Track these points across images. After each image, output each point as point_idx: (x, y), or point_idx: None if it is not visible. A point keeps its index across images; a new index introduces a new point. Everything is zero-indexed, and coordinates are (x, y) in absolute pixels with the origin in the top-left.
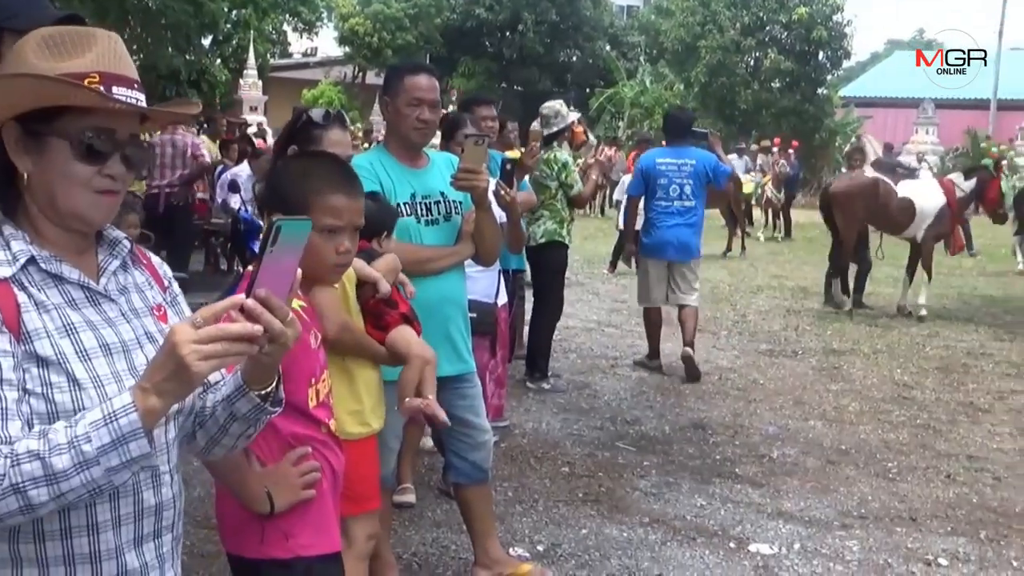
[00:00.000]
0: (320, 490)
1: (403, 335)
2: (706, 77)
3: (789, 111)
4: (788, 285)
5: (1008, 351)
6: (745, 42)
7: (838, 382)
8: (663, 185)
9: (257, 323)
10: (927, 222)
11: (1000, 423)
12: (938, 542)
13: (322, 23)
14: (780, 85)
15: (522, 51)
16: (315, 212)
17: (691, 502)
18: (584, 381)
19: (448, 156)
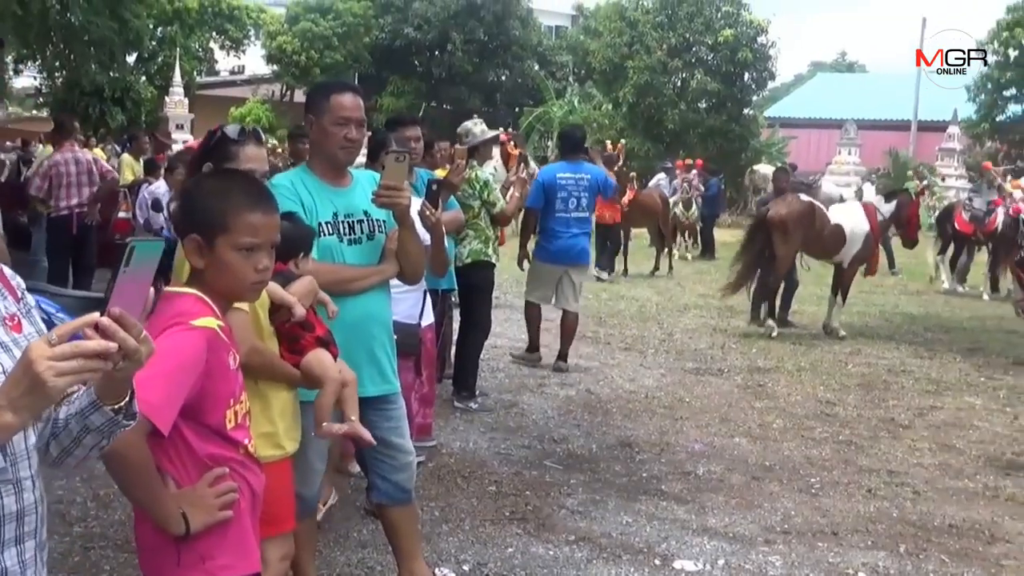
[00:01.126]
0: (238, 511)
1: (318, 358)
2: (634, 97)
3: (715, 131)
4: (714, 304)
5: (928, 368)
6: (672, 63)
7: (763, 399)
8: (563, 198)
9: (112, 340)
10: (856, 247)
11: (920, 439)
12: (859, 556)
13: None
14: (707, 105)
15: (451, 70)
16: (232, 230)
17: (617, 519)
18: (512, 400)
19: (371, 174)
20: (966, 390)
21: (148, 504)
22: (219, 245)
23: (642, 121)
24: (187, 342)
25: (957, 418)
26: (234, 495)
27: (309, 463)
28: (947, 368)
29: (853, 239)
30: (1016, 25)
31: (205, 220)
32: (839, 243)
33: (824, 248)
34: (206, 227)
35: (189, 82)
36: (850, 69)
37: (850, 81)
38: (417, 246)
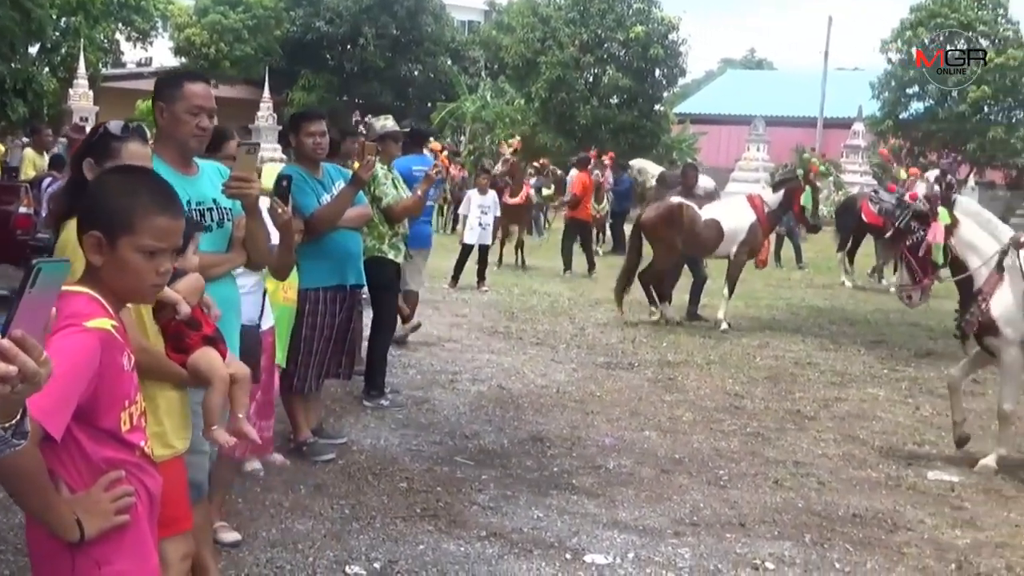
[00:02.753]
0: (135, 515)
1: (206, 357)
2: (546, 92)
3: (627, 127)
4: (625, 299)
5: (833, 360)
6: (584, 59)
7: (673, 393)
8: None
9: (12, 364)
10: (738, 239)
11: (825, 430)
12: (765, 546)
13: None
14: (618, 101)
15: (363, 65)
16: (138, 232)
17: (528, 515)
18: (423, 396)
19: (215, 164)
20: (870, 382)
21: (40, 511)
22: (121, 245)
23: (554, 116)
24: (80, 344)
25: (861, 409)
26: (130, 499)
27: (195, 446)
28: (852, 360)
29: (733, 233)
30: (919, 25)
31: (109, 219)
32: (716, 238)
33: (702, 245)
34: (109, 226)
35: (94, 74)
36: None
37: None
38: (264, 236)
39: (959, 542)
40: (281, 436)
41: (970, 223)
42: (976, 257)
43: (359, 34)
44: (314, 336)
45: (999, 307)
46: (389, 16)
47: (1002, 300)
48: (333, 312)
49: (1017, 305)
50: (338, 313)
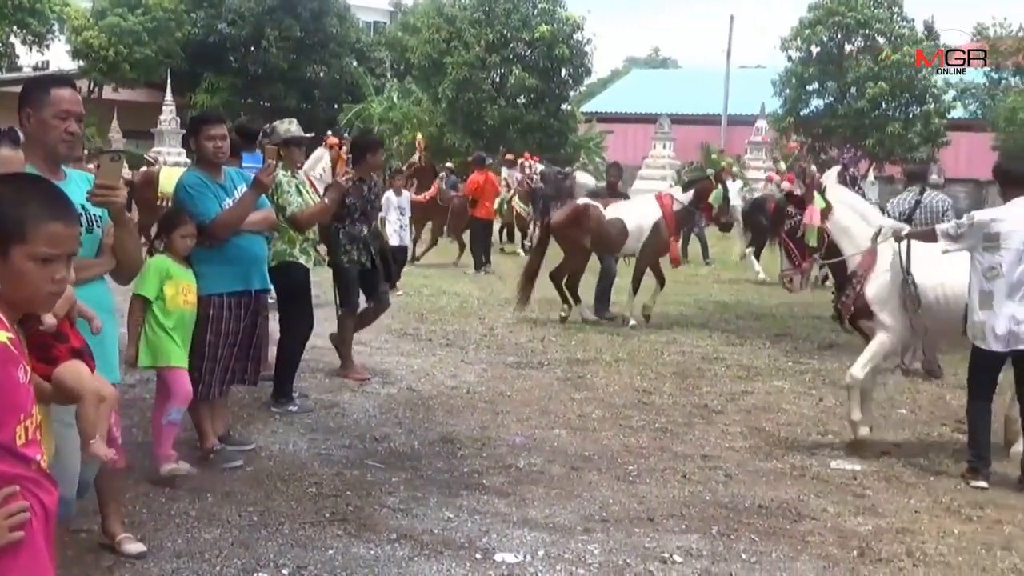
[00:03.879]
0: (30, 531)
1: (73, 370)
2: (453, 93)
3: (535, 126)
4: (535, 297)
5: (739, 354)
6: (490, 59)
7: (582, 391)
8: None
9: None
10: (643, 237)
11: (732, 423)
12: (674, 540)
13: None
14: (525, 101)
15: (267, 66)
16: (31, 240)
17: (439, 516)
18: (333, 400)
19: (79, 172)
20: (775, 375)
21: None
22: (14, 254)
23: (462, 116)
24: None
25: (767, 402)
26: (25, 515)
27: (64, 465)
28: (757, 354)
29: (637, 231)
30: (817, 23)
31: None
32: (621, 237)
33: (609, 244)
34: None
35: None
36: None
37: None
38: (134, 243)
39: (861, 529)
40: (187, 444)
41: (843, 208)
42: (849, 241)
43: (262, 36)
44: (218, 342)
45: (873, 290)
46: (293, 17)
47: (876, 283)
48: (238, 317)
49: (890, 289)
50: (243, 318)
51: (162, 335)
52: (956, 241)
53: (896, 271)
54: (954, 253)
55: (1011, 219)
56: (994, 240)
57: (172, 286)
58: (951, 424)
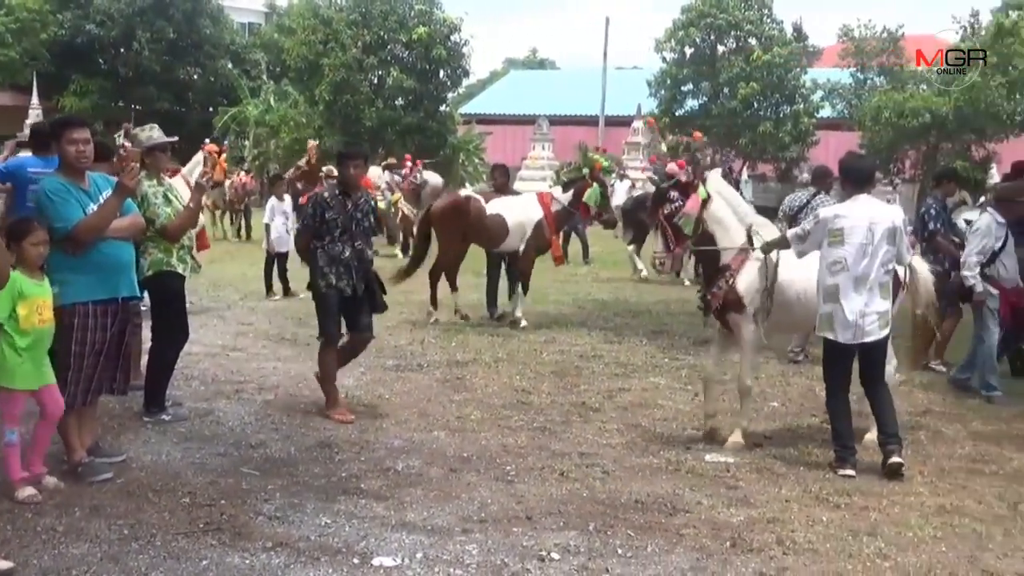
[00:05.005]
0: None
1: None
2: (330, 95)
3: (413, 128)
4: (415, 300)
5: (617, 352)
6: (367, 60)
7: (461, 392)
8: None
9: None
10: (525, 235)
11: (609, 420)
12: (551, 537)
13: None
14: (404, 103)
15: (139, 69)
16: None
17: (316, 522)
18: (207, 408)
19: None
20: (652, 371)
21: None
22: None
23: (340, 119)
24: None
25: (643, 398)
26: None
27: None
28: (635, 351)
29: (518, 228)
30: (690, 25)
31: None
32: (501, 233)
33: (489, 238)
34: None
35: None
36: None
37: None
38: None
39: (734, 520)
40: (54, 457)
41: (721, 201)
42: (724, 233)
43: (133, 37)
44: (84, 351)
45: (744, 284)
46: (164, 19)
47: (747, 278)
48: (104, 326)
49: (759, 285)
50: (110, 327)
51: (13, 357)
52: (804, 241)
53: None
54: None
55: (854, 215)
56: (838, 235)
57: (25, 305)
58: (820, 415)
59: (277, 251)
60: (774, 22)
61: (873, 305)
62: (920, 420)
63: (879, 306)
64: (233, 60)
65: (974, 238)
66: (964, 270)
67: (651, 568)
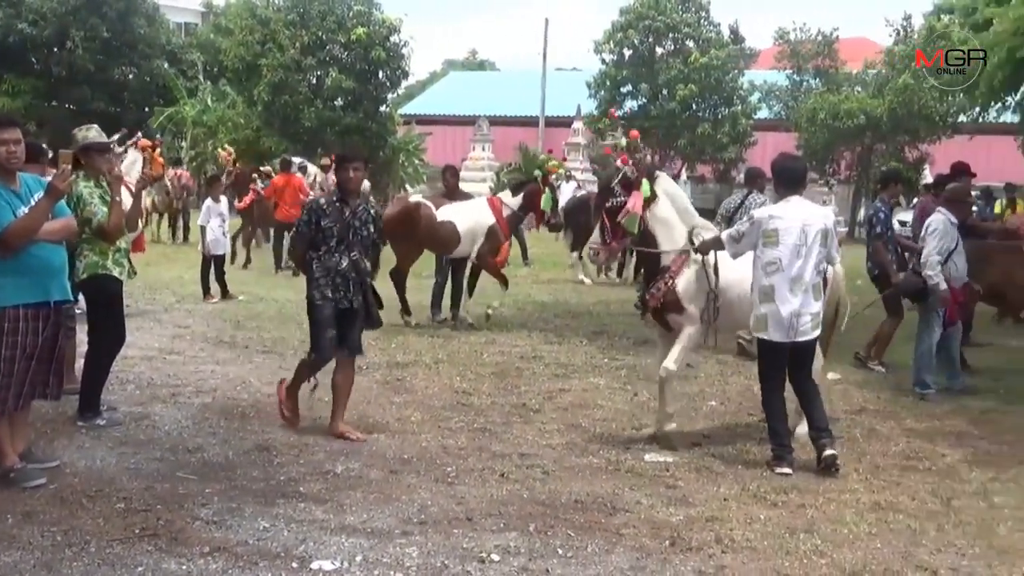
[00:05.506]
0: None
1: None
2: (269, 95)
3: (353, 129)
4: None
5: (557, 353)
6: (306, 61)
7: (401, 394)
8: None
9: None
10: (477, 241)
11: (549, 421)
12: (491, 539)
13: None
14: (343, 103)
15: (72, 68)
16: None
17: (254, 526)
18: (143, 412)
19: None
20: (591, 372)
21: None
22: None
23: (278, 120)
24: None
25: (583, 399)
26: None
27: None
28: (575, 352)
29: (470, 234)
30: (629, 27)
31: None
32: (453, 239)
33: (441, 244)
34: None
35: None
36: (481, 67)
37: (482, 79)
38: None
39: (673, 519)
40: None
41: (667, 202)
42: (666, 234)
43: (66, 36)
44: (15, 356)
45: (683, 286)
46: (98, 18)
47: (687, 280)
48: (36, 330)
49: (699, 287)
50: (41, 331)
51: None
52: (739, 243)
53: (702, 277)
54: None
55: (788, 216)
56: (773, 236)
57: None
58: (758, 414)
59: (213, 253)
60: (711, 24)
61: (807, 306)
62: (856, 418)
63: (813, 307)
64: (169, 60)
65: (932, 238)
66: (927, 269)
67: (591, 568)
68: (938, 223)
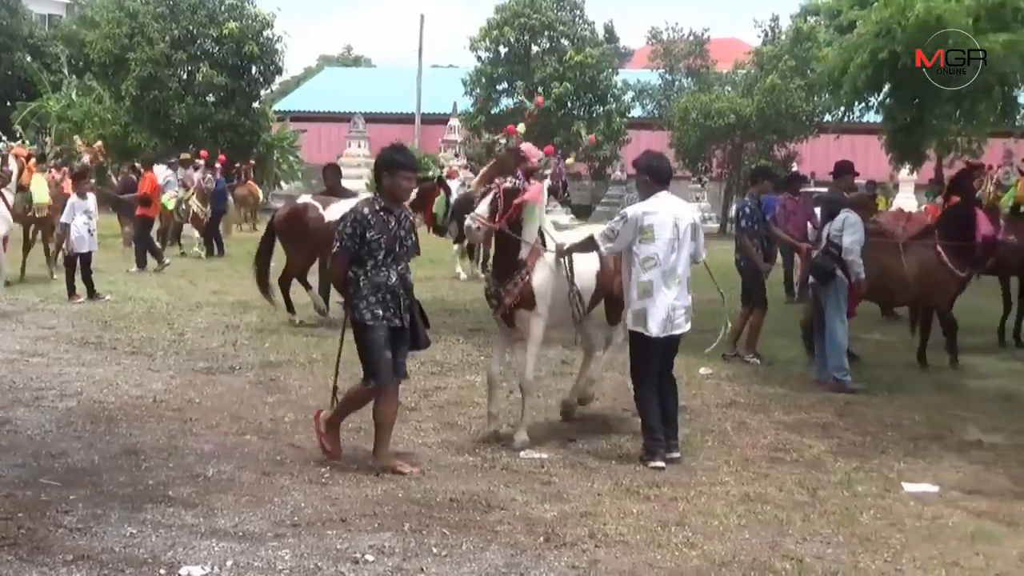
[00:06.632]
0: None
1: None
2: (137, 90)
3: (225, 125)
4: (228, 301)
5: (433, 351)
6: (176, 55)
7: (275, 394)
8: None
9: None
10: None
11: (425, 419)
12: (366, 539)
13: None
14: (215, 99)
15: None
16: None
17: (121, 532)
18: (4, 417)
19: None
20: (468, 369)
21: None
22: None
23: (147, 115)
24: None
25: (459, 397)
26: None
27: None
28: (451, 350)
29: None
30: (504, 24)
31: None
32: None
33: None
34: None
35: None
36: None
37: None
38: None
39: (547, 515)
40: None
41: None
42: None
43: None
44: None
45: (539, 283)
46: None
47: (541, 276)
48: None
49: (551, 283)
50: None
51: None
52: (614, 241)
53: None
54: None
55: (661, 212)
56: (649, 232)
57: None
58: (632, 409)
59: (78, 251)
60: (586, 23)
61: (682, 299)
62: (727, 412)
63: (686, 300)
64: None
65: (850, 230)
66: (850, 255)
67: (466, 566)
68: (855, 219)
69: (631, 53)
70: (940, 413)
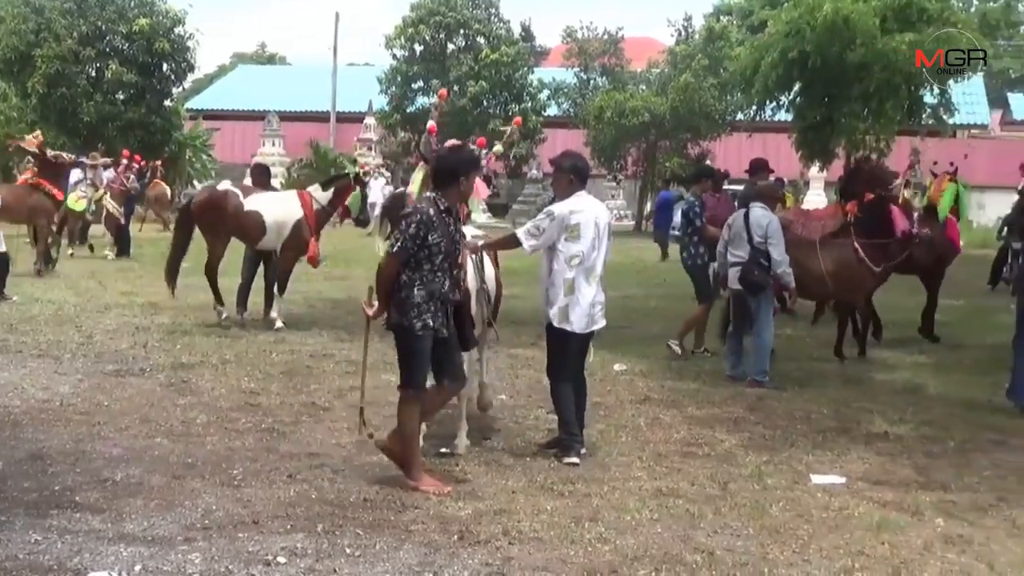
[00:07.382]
0: None
1: None
2: (44, 88)
3: (136, 123)
4: (138, 302)
5: (348, 351)
6: (84, 52)
7: (186, 396)
8: None
9: None
10: (283, 234)
11: (340, 420)
12: (278, 541)
13: None
14: (125, 97)
15: None
16: None
17: (25, 539)
18: None
19: None
20: (383, 369)
21: None
22: None
23: (55, 113)
24: None
25: (374, 396)
26: None
27: None
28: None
29: (276, 227)
30: (420, 22)
31: None
32: (259, 230)
33: (246, 234)
34: None
35: None
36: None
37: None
38: None
39: (462, 513)
40: None
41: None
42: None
43: None
44: None
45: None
46: None
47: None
48: None
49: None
50: None
51: None
52: (538, 239)
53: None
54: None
55: (585, 210)
56: (575, 231)
57: None
58: (547, 407)
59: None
60: (501, 21)
61: (600, 296)
62: (640, 407)
63: (602, 296)
64: None
65: (778, 239)
66: (781, 267)
67: (379, 566)
68: (776, 223)
69: (547, 51)
70: (847, 406)
